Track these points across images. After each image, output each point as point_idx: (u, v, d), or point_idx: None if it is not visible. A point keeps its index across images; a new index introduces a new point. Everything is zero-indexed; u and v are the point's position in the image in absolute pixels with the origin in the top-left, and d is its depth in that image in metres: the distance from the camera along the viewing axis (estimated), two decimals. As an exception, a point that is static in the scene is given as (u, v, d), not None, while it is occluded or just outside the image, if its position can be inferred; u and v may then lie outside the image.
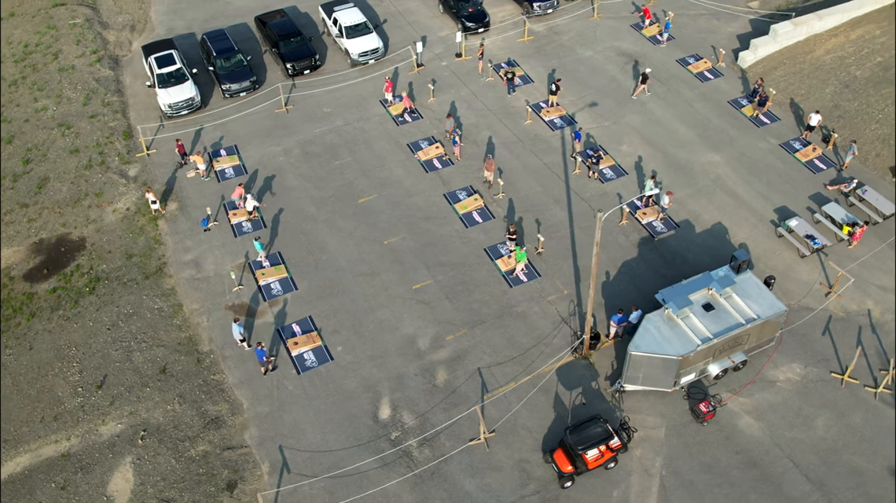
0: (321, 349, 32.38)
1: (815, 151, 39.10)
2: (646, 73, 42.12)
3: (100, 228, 37.78)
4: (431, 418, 30.04)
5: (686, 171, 38.67)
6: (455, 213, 37.31)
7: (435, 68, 45.51)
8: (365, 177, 39.32)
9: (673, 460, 28.51)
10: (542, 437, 29.34)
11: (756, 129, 40.76)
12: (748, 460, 28.40)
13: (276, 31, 44.91)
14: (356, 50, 44.71)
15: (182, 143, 39.70)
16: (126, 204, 38.74)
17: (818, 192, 37.33)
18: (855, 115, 40.41)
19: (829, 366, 30.89)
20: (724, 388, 30.42)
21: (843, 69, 42.83)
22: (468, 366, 31.60)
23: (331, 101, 43.59)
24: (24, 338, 33.49)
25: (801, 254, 34.73)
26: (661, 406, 30.08)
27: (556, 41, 46.97)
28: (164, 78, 42.51)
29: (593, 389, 30.71)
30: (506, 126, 41.66)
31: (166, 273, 35.63)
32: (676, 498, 27.51)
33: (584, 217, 36.93)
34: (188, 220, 37.79)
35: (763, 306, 29.86)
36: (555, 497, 27.73)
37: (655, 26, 47.14)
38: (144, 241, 37.01)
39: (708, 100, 42.56)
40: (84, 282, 35.46)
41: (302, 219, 37.52)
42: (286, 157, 40.64)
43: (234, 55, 43.89)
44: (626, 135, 40.77)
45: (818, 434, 29.00)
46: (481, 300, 33.83)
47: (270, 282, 34.88)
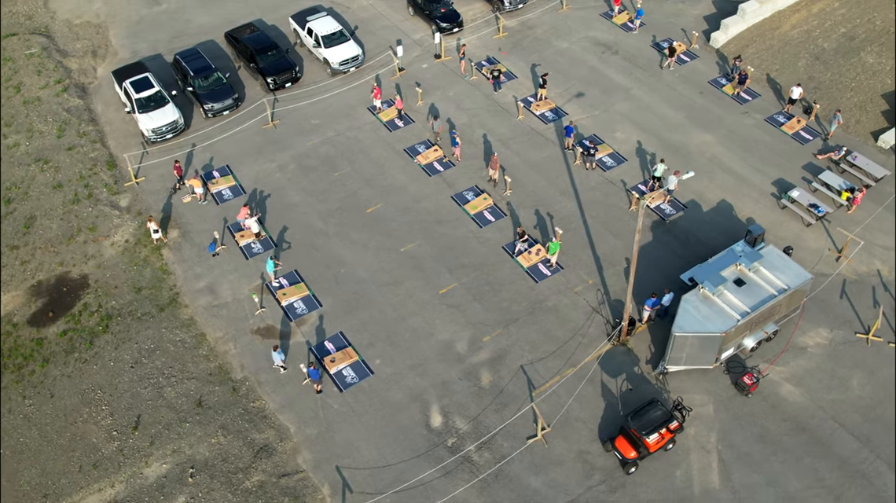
0: (359, 364, 31.95)
1: (799, 123, 40.58)
2: (673, 47, 43.75)
3: (101, 264, 36.32)
4: (484, 421, 30.03)
5: (682, 153, 39.60)
6: (466, 214, 37.30)
7: (416, 71, 45.30)
8: (368, 186, 38.91)
9: (726, 434, 29.25)
10: (597, 427, 29.69)
11: (739, 106, 42.03)
12: (796, 426, 29.37)
13: (252, 46, 43.91)
14: (336, 59, 44.12)
15: (180, 166, 38.49)
16: (124, 236, 37.35)
17: (810, 161, 38.77)
18: (830, 86, 42.11)
19: (853, 328, 32.19)
20: (760, 359, 31.34)
21: (810, 42, 44.57)
22: (510, 364, 31.70)
23: (317, 113, 42.92)
24: (41, 386, 31.98)
25: (805, 222, 36.04)
26: (705, 383, 30.80)
27: (531, 35, 47.38)
28: (143, 103, 41.07)
29: (637, 374, 31.22)
30: (498, 123, 41.84)
31: (181, 303, 34.52)
32: (736, 470, 28.25)
33: (594, 206, 37.42)
34: (193, 247, 36.68)
35: (791, 276, 30.87)
36: (621, 484, 28.12)
37: (625, 14, 48.05)
38: (151, 273, 35.76)
39: (688, 82, 43.66)
40: (95, 321, 34.06)
41: (312, 234, 36.88)
42: (282, 172, 39.85)
43: (212, 73, 42.72)
44: (618, 122, 41.48)
45: (855, 393, 30.19)
46: (510, 298, 33.94)
47: (293, 301, 34.20)
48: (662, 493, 27.78)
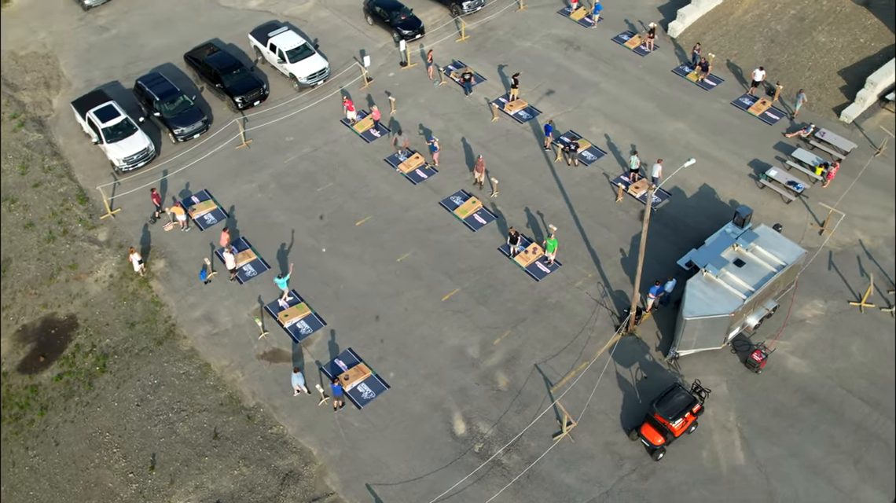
0: (374, 379, 31.63)
1: (764, 105, 41.87)
2: (653, 28, 45.34)
3: (87, 302, 35.06)
4: (508, 423, 30.10)
5: (657, 142, 40.43)
6: (457, 219, 37.30)
7: (384, 80, 45.07)
8: (354, 199, 38.54)
9: (744, 412, 30.00)
10: (619, 418, 30.08)
11: (705, 92, 43.13)
12: (807, 396, 30.32)
13: (216, 66, 42.99)
14: (303, 73, 43.55)
15: (157, 193, 37.42)
16: (107, 271, 36.13)
17: (780, 141, 40.04)
18: (788, 67, 43.60)
19: (845, 297, 33.39)
20: (763, 336, 32.23)
21: (763, 25, 46.06)
22: (524, 364, 31.84)
23: (290, 130, 42.30)
24: (44, 435, 30.70)
25: (786, 200, 37.23)
26: (715, 364, 31.52)
27: (493, 37, 47.66)
28: (110, 132, 39.79)
29: (649, 362, 31.75)
30: (475, 126, 41.97)
31: (179, 334, 33.59)
32: (758, 445, 29.00)
33: (581, 201, 37.89)
34: (182, 276, 35.73)
35: (786, 252, 31.85)
36: (651, 471, 28.55)
37: (582, 9, 48.77)
38: (142, 306, 34.69)
39: (653, 72, 44.59)
40: (91, 361, 32.87)
41: (304, 252, 36.33)
42: (263, 192, 39.14)
43: (177, 97, 41.65)
44: (591, 116, 42.09)
45: (857, 359, 31.33)
46: (513, 299, 34.10)
47: (296, 321, 33.64)
48: (692, 475, 28.34)
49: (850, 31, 44.54)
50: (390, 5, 47.43)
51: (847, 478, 28.02)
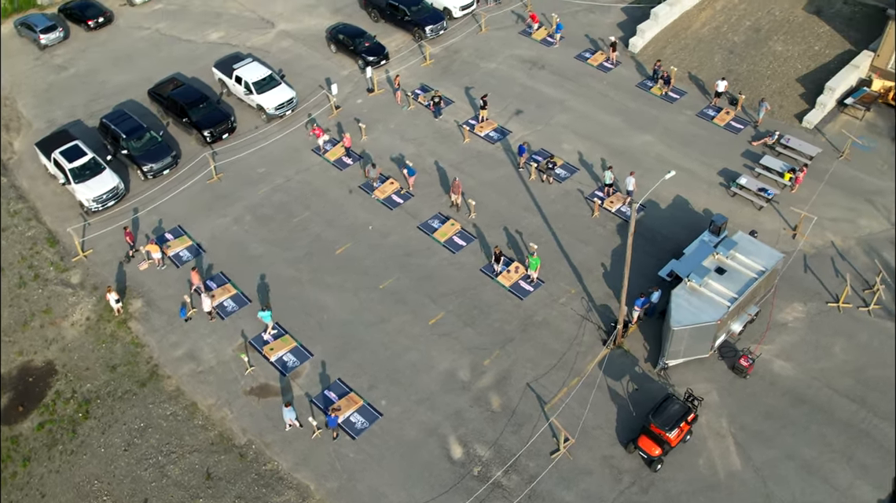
0: (366, 408, 31.30)
1: (728, 115, 42.79)
2: (615, 42, 46.17)
3: (64, 347, 34.18)
4: (505, 444, 29.99)
5: (628, 156, 41.00)
6: (437, 243, 37.29)
7: (352, 107, 45.04)
8: (331, 227, 38.30)
9: (736, 417, 30.33)
10: (614, 431, 30.18)
11: (670, 105, 43.94)
12: (796, 398, 30.79)
13: (182, 100, 42.53)
14: (271, 104, 43.30)
15: (130, 231, 36.74)
16: (83, 314, 35.30)
17: (746, 149, 40.90)
18: (748, 76, 44.66)
19: (823, 298, 34.08)
20: (747, 341, 32.70)
21: (721, 37, 47.18)
22: (516, 384, 31.82)
23: (261, 161, 41.96)
24: (28, 488, 29.73)
25: (757, 206, 37.98)
26: (703, 372, 31.86)
27: (457, 59, 48.01)
28: (78, 172, 39.04)
29: (639, 374, 31.97)
30: (447, 149, 42.12)
31: (163, 375, 32.89)
32: (753, 449, 29.32)
33: (559, 218, 38.16)
34: (161, 315, 35.05)
35: (765, 258, 32.42)
36: (651, 482, 28.66)
37: (543, 29, 49.43)
38: (122, 348, 33.93)
39: (618, 87, 45.31)
40: (73, 408, 31.99)
41: (285, 284, 35.94)
42: (239, 225, 38.69)
43: (144, 133, 41.07)
44: (561, 134, 42.54)
45: (840, 359, 31.95)
46: (500, 319, 34.12)
47: (282, 355, 33.18)
48: (692, 484, 28.52)
49: (804, 39, 45.86)
50: (353, 33, 47.54)
51: (841, 476, 28.46)
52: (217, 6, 53.52)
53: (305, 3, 53.42)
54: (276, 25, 51.48)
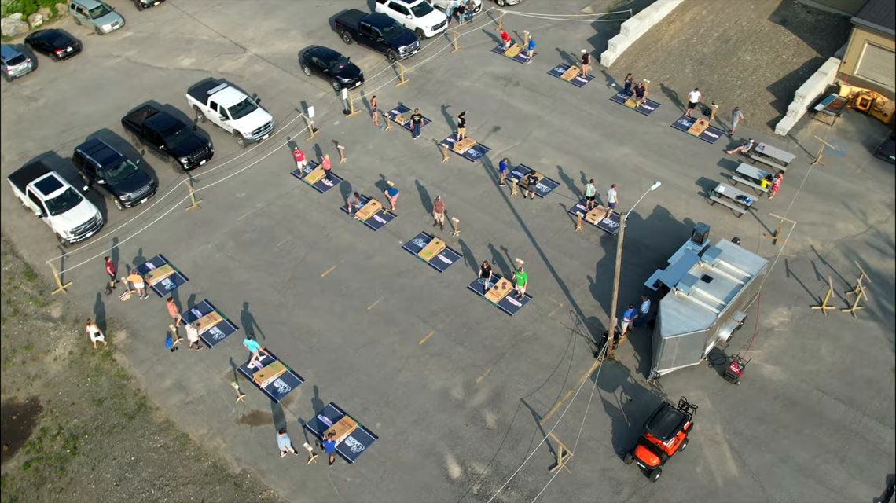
0: (360, 431, 31.02)
1: (703, 125, 43.43)
2: (586, 55, 46.65)
3: (48, 382, 33.46)
4: (503, 460, 29.89)
5: (607, 169, 41.38)
6: (423, 262, 37.23)
7: (329, 129, 44.94)
8: (315, 250, 38.07)
9: (729, 423, 30.58)
10: (611, 443, 30.24)
11: (644, 117, 44.48)
12: (787, 401, 31.14)
13: (158, 128, 42.08)
14: (248, 129, 43.04)
15: (111, 261, 36.16)
16: (66, 348, 34.62)
17: (722, 158, 41.52)
18: (719, 87, 45.43)
19: (807, 302, 34.60)
20: (735, 347, 33.06)
21: (691, 49, 47.97)
22: (510, 400, 31.78)
23: (241, 186, 41.64)
24: (17, 528, 28.98)
25: (736, 213, 38.53)
26: (695, 379, 32.11)
27: (432, 79, 48.19)
28: (54, 204, 38.40)
29: (631, 384, 32.12)
30: (426, 168, 42.16)
31: (152, 406, 32.32)
32: (749, 453, 29.57)
33: (542, 233, 38.33)
34: (147, 346, 34.50)
35: (750, 265, 32.85)
36: (650, 492, 28.74)
37: (516, 46, 49.84)
38: (108, 381, 33.30)
39: (592, 101, 45.78)
40: (60, 444, 31.27)
41: (272, 309, 35.60)
42: (222, 252, 38.29)
43: (121, 162, 40.54)
44: (540, 149, 42.83)
45: (827, 360, 32.41)
46: (490, 335, 34.10)
47: (272, 381, 32.81)
48: (690, 492, 28.64)
49: (772, 48, 46.80)
50: (327, 55, 47.52)
51: (836, 477, 28.79)
52: (187, 32, 53.19)
53: (276, 28, 53.33)
54: (247, 50, 51.30)
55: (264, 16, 54.56)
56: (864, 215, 38.02)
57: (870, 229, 37.41)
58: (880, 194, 38.93)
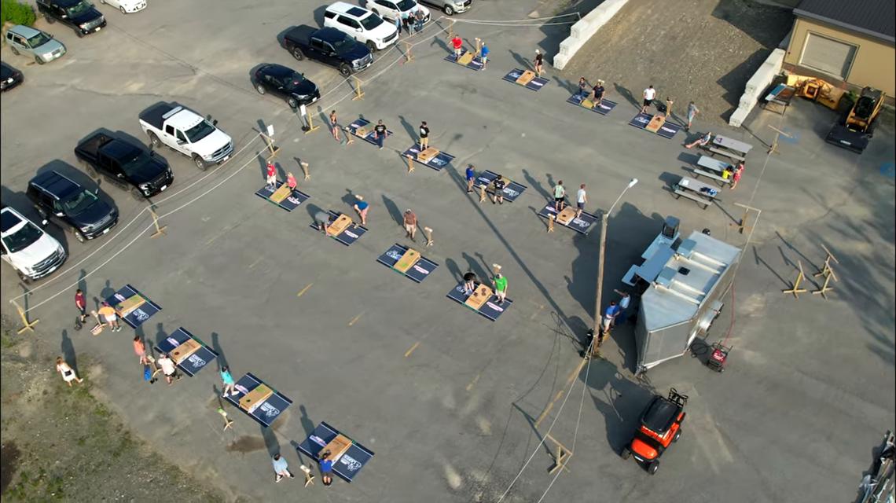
0: (355, 449, 30.66)
1: (659, 121, 44.33)
2: (540, 55, 47.63)
3: (24, 425, 32.22)
4: (502, 466, 29.91)
5: (572, 170, 41.88)
6: (399, 273, 37.07)
7: (290, 147, 44.43)
8: (289, 270, 37.56)
9: (718, 410, 31.19)
10: (606, 440, 30.54)
11: (602, 117, 45.19)
12: (771, 385, 31.93)
13: (114, 156, 40.97)
14: (208, 151, 42.25)
15: (81, 295, 35.05)
16: (39, 388, 33.40)
17: (682, 152, 42.43)
18: (671, 83, 46.47)
19: (778, 286, 35.56)
20: (715, 336, 33.76)
21: (640, 47, 48.96)
22: (502, 405, 31.84)
23: (205, 210, 40.82)
24: (6, 580, 27.78)
25: (702, 205, 39.41)
26: (680, 371, 32.66)
27: (388, 90, 48.09)
28: (13, 240, 37.06)
29: (619, 380, 32.50)
30: (392, 179, 42.03)
31: (136, 441, 31.40)
32: (740, 438, 30.21)
33: (515, 236, 38.56)
34: (124, 379, 33.52)
35: (723, 254, 33.58)
36: (650, 485, 29.11)
37: (468, 54, 50.10)
38: (88, 419, 32.24)
39: (549, 104, 46.31)
40: (44, 488, 30.13)
41: (251, 333, 34.96)
42: (193, 278, 37.46)
43: (79, 193, 39.35)
44: (503, 154, 43.11)
45: (804, 342, 33.35)
46: (475, 342, 34.12)
47: (259, 405, 32.20)
48: (689, 481, 29.11)
49: (718, 43, 48.10)
50: (281, 72, 47.01)
51: (825, 454, 29.61)
52: (132, 57, 51.99)
53: (224, 48, 52.55)
54: (197, 72, 50.39)
55: (210, 36, 53.72)
56: (823, 199, 39.30)
57: (829, 212, 38.69)
58: (836, 178, 40.31)
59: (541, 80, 47.99)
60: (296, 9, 56.18)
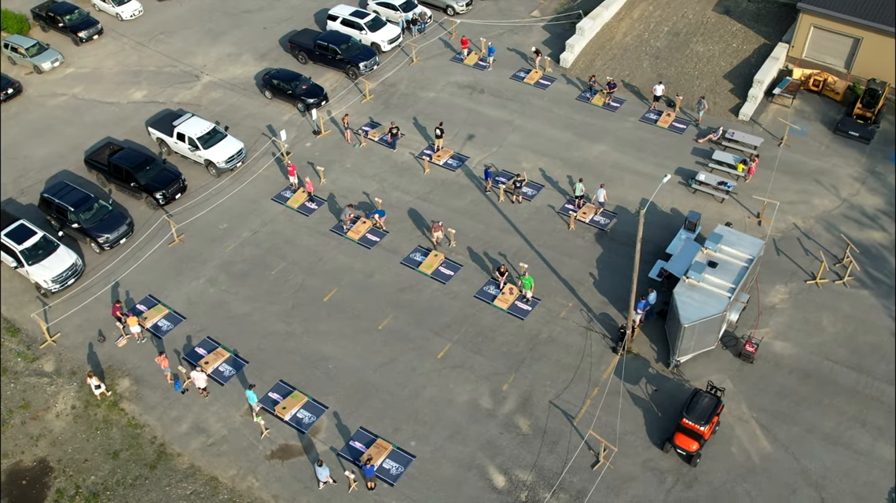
0: (396, 452, 30.54)
1: (669, 117, 44.68)
2: (536, 50, 48.22)
3: (54, 441, 31.68)
4: (545, 464, 29.97)
5: (587, 167, 42.07)
6: (424, 276, 36.98)
7: (302, 151, 44.14)
8: (312, 275, 37.31)
9: (753, 401, 31.52)
10: (646, 434, 30.72)
11: (612, 114, 45.44)
12: (802, 374, 32.33)
13: (126, 164, 40.40)
14: (221, 157, 41.82)
15: (120, 306, 34.51)
16: (67, 402, 32.86)
17: (695, 147, 42.82)
18: (678, 79, 46.85)
19: (801, 277, 36.00)
20: (743, 328, 34.08)
21: (644, 44, 49.31)
22: (540, 403, 31.90)
23: (221, 217, 40.41)
24: None
25: (719, 199, 39.78)
26: (711, 363, 32.95)
27: (396, 92, 47.95)
28: (30, 253, 36.42)
29: (653, 374, 32.72)
30: (409, 181, 41.92)
31: (172, 453, 31.01)
32: (777, 428, 30.55)
33: (537, 235, 38.65)
34: (154, 391, 33.09)
35: (749, 247, 33.95)
36: (693, 478, 29.33)
37: (474, 54, 50.11)
38: (120, 432, 31.78)
39: (559, 102, 46.47)
40: (81, 505, 29.68)
41: (280, 339, 34.69)
42: (216, 286, 37.07)
43: (93, 203, 38.76)
44: (518, 153, 43.19)
45: (831, 331, 33.81)
46: (506, 342, 34.15)
47: (295, 412, 31.96)
48: (731, 472, 29.37)
49: (721, 38, 48.60)
50: (288, 76, 46.66)
51: (861, 441, 30.04)
52: (132, 64, 51.32)
53: (227, 53, 52.06)
54: (201, 78, 49.87)
55: (211, 42, 53.19)
56: (837, 190, 39.87)
57: (843, 202, 39.25)
58: (847, 168, 40.91)
59: (549, 79, 48.14)
60: (295, 13, 55.83)
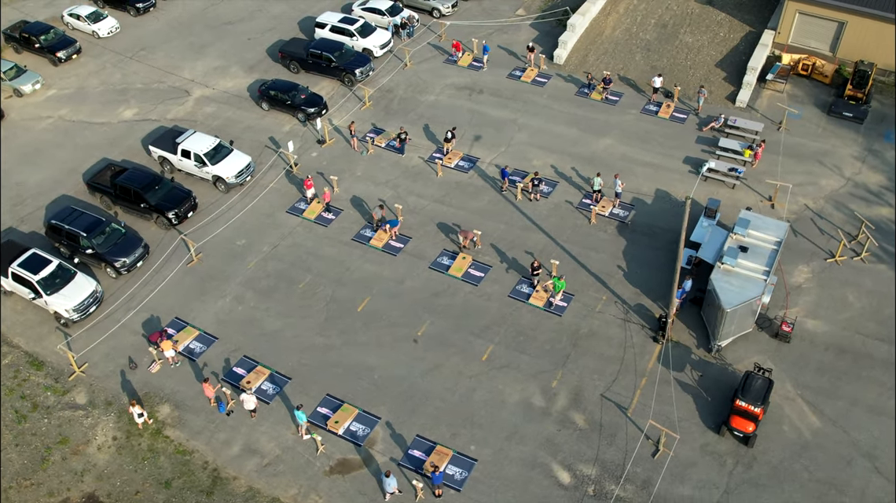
0: (458, 457, 30.42)
1: (669, 108, 45.49)
2: (530, 46, 48.56)
3: (100, 475, 30.61)
4: (607, 457, 30.23)
5: (597, 161, 42.54)
6: (455, 279, 36.89)
7: (311, 161, 43.53)
8: (341, 286, 36.85)
9: (796, 379, 32.35)
10: (699, 419, 31.24)
11: (613, 107, 46.06)
12: (838, 350, 33.32)
13: (134, 185, 39.22)
14: (230, 173, 40.95)
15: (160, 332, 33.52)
16: (107, 434, 31.80)
17: (698, 135, 43.69)
18: (671, 70, 47.74)
19: (820, 256, 37.08)
20: (774, 309, 34.93)
21: (633, 37, 50.09)
22: (592, 397, 32.16)
23: (237, 233, 39.58)
24: None
25: (730, 185, 40.69)
26: (750, 345, 33.69)
27: (395, 98, 47.67)
28: (47, 283, 35.08)
29: (696, 360, 33.29)
30: (423, 185, 41.75)
31: (227, 477, 30.29)
32: (823, 403, 31.43)
33: (560, 231, 38.92)
34: (198, 415, 32.26)
35: (775, 230, 34.90)
36: (753, 458, 29.97)
37: (468, 55, 50.14)
38: (169, 460, 30.90)
39: (559, 99, 46.87)
40: (140, 538, 28.75)
41: (319, 353, 34.18)
42: (243, 304, 36.31)
43: (105, 227, 37.54)
44: (527, 152, 43.41)
45: (857, 306, 34.93)
46: (548, 339, 34.31)
47: (348, 425, 31.55)
48: (787, 450, 30.10)
49: (708, 28, 49.70)
50: (285, 87, 45.97)
51: (905, 410, 31.19)
52: (117, 83, 49.82)
53: (214, 66, 50.97)
54: (191, 93, 48.72)
55: (195, 56, 52.02)
56: (840, 170, 41.19)
57: (848, 181, 40.58)
58: (846, 149, 42.29)
59: (545, 76, 48.51)
60: (278, 22, 55.03)
